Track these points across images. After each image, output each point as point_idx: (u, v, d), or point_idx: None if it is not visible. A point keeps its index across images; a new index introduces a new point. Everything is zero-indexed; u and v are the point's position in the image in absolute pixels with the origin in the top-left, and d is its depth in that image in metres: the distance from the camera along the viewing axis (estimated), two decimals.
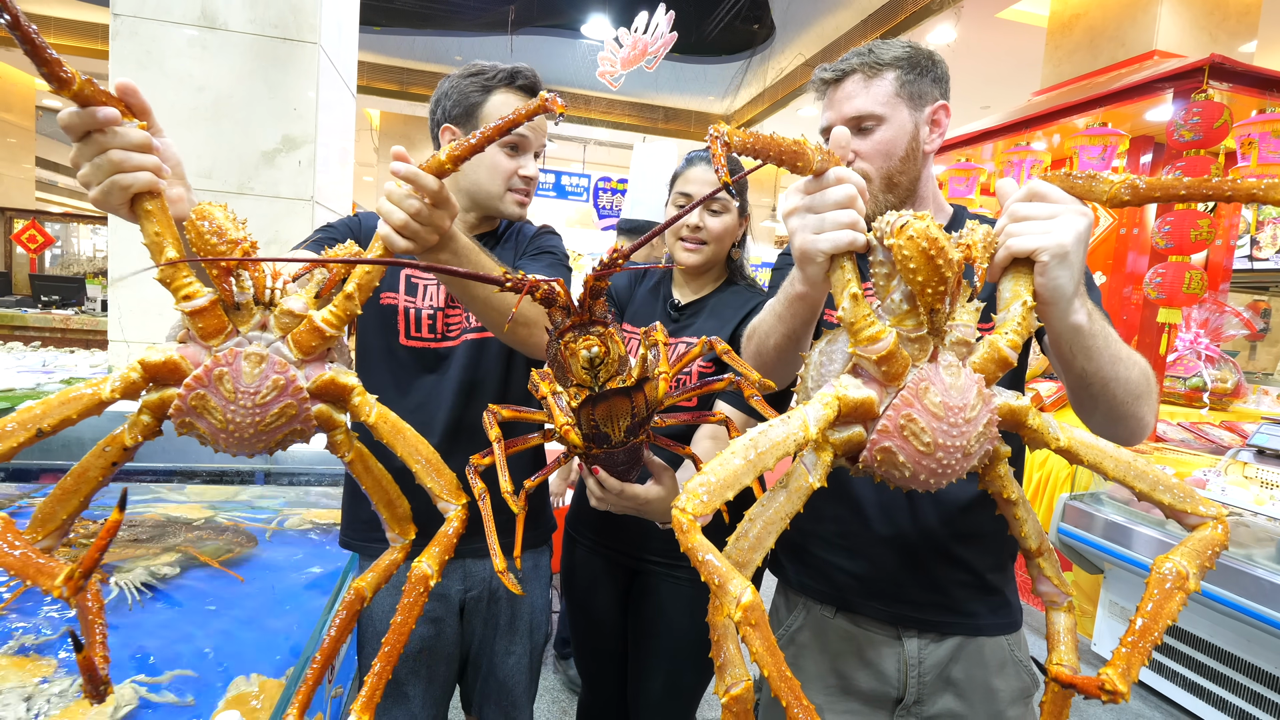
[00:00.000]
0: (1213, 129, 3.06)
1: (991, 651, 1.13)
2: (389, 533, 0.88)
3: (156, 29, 2.56)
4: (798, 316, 0.93)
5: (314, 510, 1.72)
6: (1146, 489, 0.76)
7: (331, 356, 0.81)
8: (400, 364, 1.32)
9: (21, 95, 9.96)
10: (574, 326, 0.90)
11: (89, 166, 0.70)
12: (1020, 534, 0.84)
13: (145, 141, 0.72)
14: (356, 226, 1.34)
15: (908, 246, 0.67)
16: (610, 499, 1.06)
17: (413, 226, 0.84)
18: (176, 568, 1.28)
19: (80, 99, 0.67)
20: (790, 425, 0.69)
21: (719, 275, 1.59)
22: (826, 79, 1.16)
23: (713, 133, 0.68)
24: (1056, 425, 0.78)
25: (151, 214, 0.72)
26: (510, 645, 1.41)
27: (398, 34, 8.49)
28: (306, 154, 2.75)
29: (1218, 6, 4.49)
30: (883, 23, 6.74)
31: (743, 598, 0.60)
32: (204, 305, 0.73)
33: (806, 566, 1.22)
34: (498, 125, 0.78)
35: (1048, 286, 0.75)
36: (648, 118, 10.91)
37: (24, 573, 0.60)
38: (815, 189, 0.77)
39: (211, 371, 0.72)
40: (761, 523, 0.71)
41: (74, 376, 2.72)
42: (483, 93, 1.32)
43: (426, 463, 0.83)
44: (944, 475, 0.73)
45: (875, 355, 0.71)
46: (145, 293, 2.63)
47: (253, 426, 0.74)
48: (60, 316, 5.70)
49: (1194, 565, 0.71)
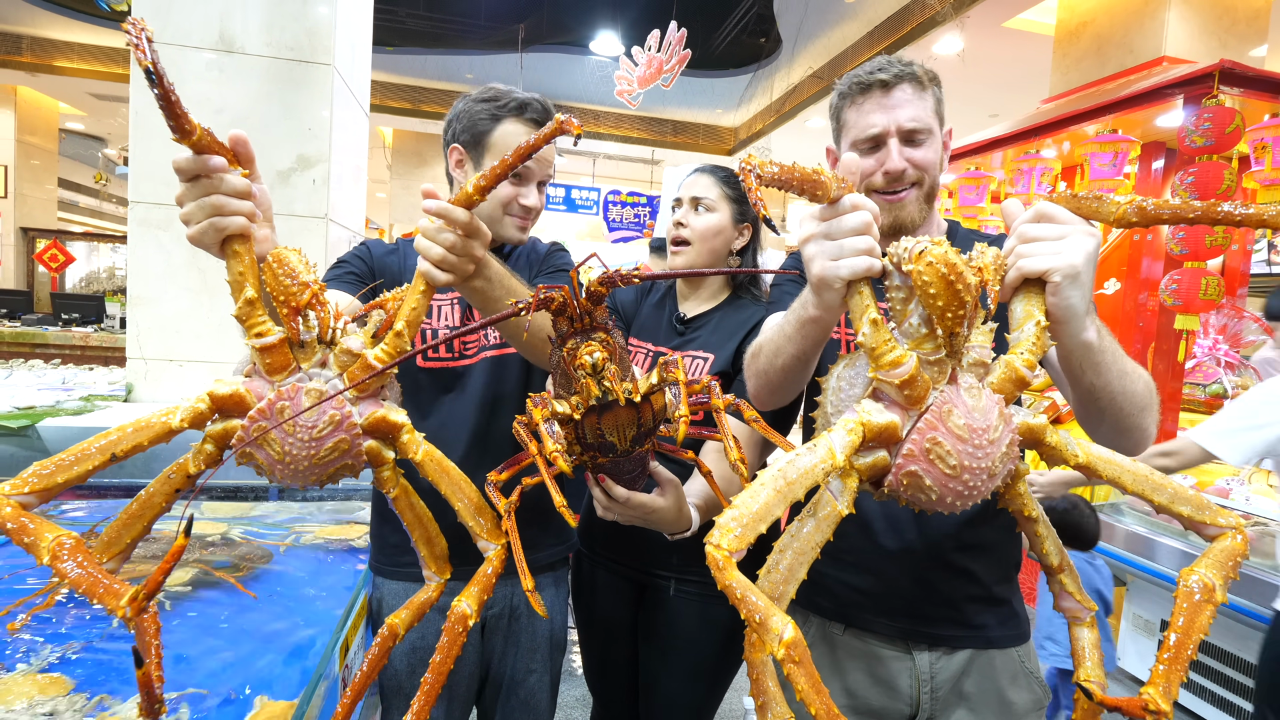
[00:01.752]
0: (1224, 134, 3.04)
1: (1003, 663, 1.12)
2: (425, 570, 0.91)
3: (175, 54, 2.62)
4: (809, 339, 0.93)
5: (328, 526, 1.73)
6: (1165, 502, 0.76)
7: (384, 395, 0.85)
8: (418, 385, 1.33)
9: (45, 119, 10.22)
10: (575, 333, 0.91)
11: (193, 206, 0.77)
12: (1041, 551, 0.84)
13: (246, 189, 0.79)
14: (367, 256, 1.37)
15: (927, 272, 0.67)
16: (616, 508, 1.06)
17: (450, 259, 0.87)
18: (190, 585, 1.29)
19: (198, 148, 0.74)
20: (817, 454, 0.70)
21: (723, 287, 1.59)
22: (880, 79, 1.12)
23: (744, 165, 0.70)
24: (1075, 442, 0.79)
25: (239, 255, 0.78)
26: (531, 664, 1.41)
27: (410, 54, 8.64)
28: (321, 173, 2.80)
29: (1227, 11, 4.46)
30: (889, 34, 6.76)
31: (784, 634, 0.60)
32: (273, 343, 0.79)
33: (813, 583, 1.21)
34: (518, 150, 0.80)
35: (1060, 306, 0.76)
36: (657, 131, 10.98)
37: (91, 592, 0.65)
38: (831, 215, 0.78)
39: (274, 405, 0.77)
40: (792, 553, 0.72)
41: (92, 394, 2.77)
42: (492, 120, 1.34)
43: (469, 501, 0.86)
44: (970, 497, 0.73)
45: (898, 380, 0.72)
46: (163, 310, 2.67)
47: (308, 459, 0.78)
48: (80, 334, 5.80)
49: (1219, 577, 0.71)
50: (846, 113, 1.17)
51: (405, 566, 1.34)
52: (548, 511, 1.41)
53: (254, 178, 0.81)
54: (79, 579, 0.65)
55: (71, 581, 0.65)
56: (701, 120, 10.90)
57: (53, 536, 0.67)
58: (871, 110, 1.13)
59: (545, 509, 1.40)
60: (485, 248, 0.92)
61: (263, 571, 1.42)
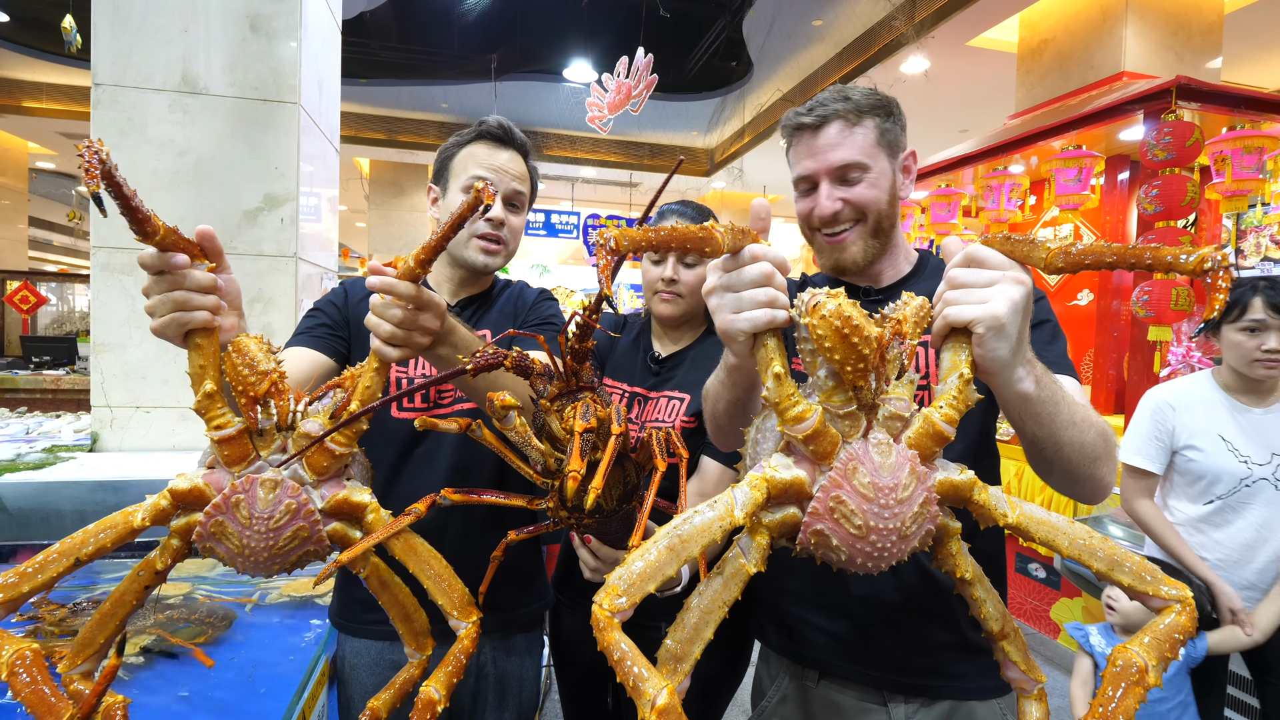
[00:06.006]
0: (1185, 148, 3.10)
1: (985, 715, 1.08)
2: (406, 648, 0.88)
3: (137, 96, 2.59)
4: (738, 385, 0.92)
5: (297, 579, 1.68)
6: (1105, 569, 0.71)
7: (349, 473, 0.84)
8: (391, 439, 1.29)
9: (14, 159, 10.09)
10: (560, 394, 0.88)
11: (157, 300, 0.77)
12: (981, 615, 0.79)
13: (210, 284, 0.79)
14: (342, 302, 1.34)
15: (821, 326, 0.65)
16: (605, 569, 1.04)
17: (399, 335, 0.85)
18: (141, 656, 1.23)
19: (162, 246, 0.75)
20: (716, 510, 0.67)
21: (698, 325, 1.58)
22: (806, 123, 1.11)
23: (598, 240, 0.65)
24: (1005, 501, 0.74)
25: (201, 348, 0.79)
26: (501, 716, 1.37)
27: (384, 85, 8.66)
28: (289, 211, 2.77)
29: (1182, 26, 4.60)
30: (856, 55, 6.89)
31: (657, 700, 0.58)
32: (232, 435, 0.78)
33: (785, 627, 1.19)
34: (449, 222, 0.79)
35: (985, 358, 0.73)
36: (633, 155, 11.08)
37: (35, 709, 0.67)
38: (732, 267, 0.75)
39: (229, 499, 0.76)
40: (698, 612, 0.68)
41: (56, 445, 2.69)
42: (455, 148, 1.37)
43: (438, 577, 0.84)
44: (880, 558, 0.69)
45: (801, 434, 0.69)
46: (129, 356, 2.60)
47: (267, 550, 0.77)
48: (51, 377, 5.67)
49: (1154, 657, 0.66)
50: (789, 154, 1.17)
51: (370, 624, 1.29)
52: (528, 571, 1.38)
53: (222, 269, 0.82)
54: (29, 696, 0.67)
55: (22, 698, 0.67)
56: (677, 143, 11.02)
57: (12, 650, 0.68)
58: (802, 154, 1.13)
59: (526, 570, 1.37)
60: (441, 318, 0.90)
61: (226, 635, 1.36)
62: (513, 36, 7.55)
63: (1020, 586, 4.01)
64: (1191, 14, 4.60)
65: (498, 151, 1.35)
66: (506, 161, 1.35)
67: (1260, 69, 6.45)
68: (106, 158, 0.65)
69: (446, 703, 0.80)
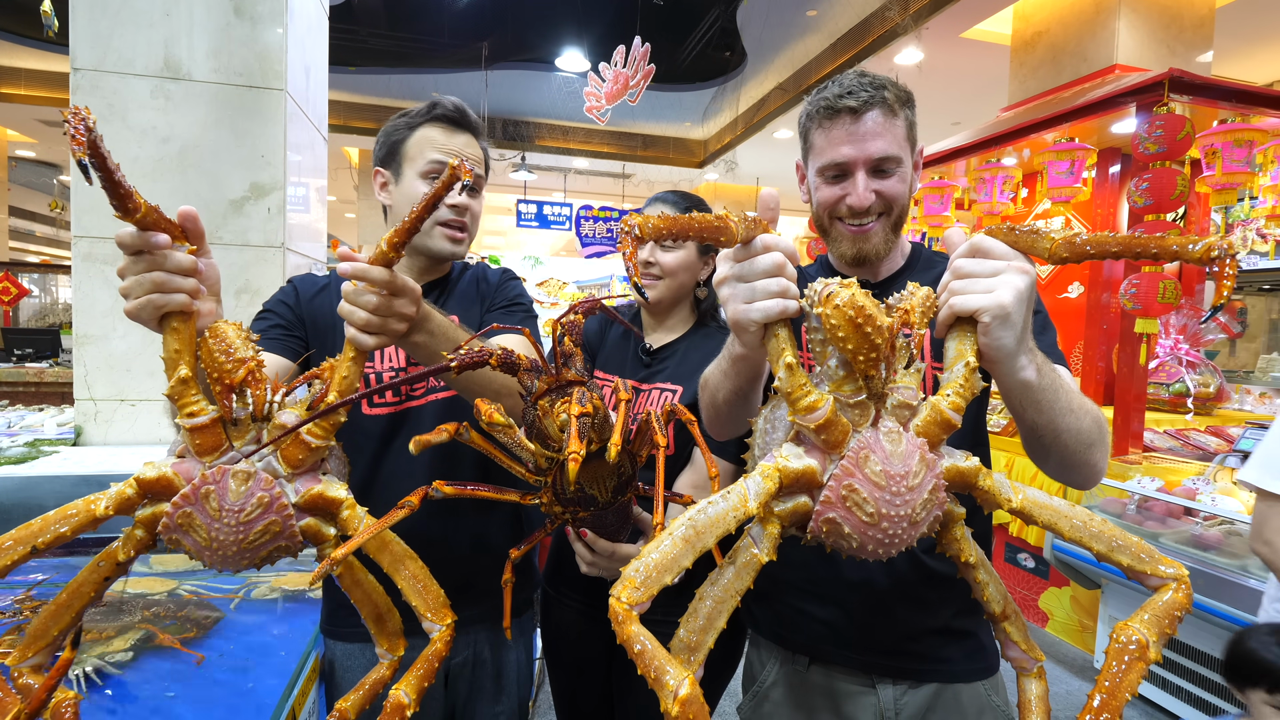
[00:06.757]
0: (1176, 141, 3.11)
1: (969, 699, 1.11)
2: (378, 648, 0.86)
3: (118, 81, 2.53)
4: (742, 375, 0.91)
5: (286, 575, 1.66)
6: (1104, 550, 0.74)
7: (325, 468, 0.81)
8: (366, 434, 1.26)
9: None
10: (550, 389, 0.87)
11: (133, 281, 0.74)
12: (983, 598, 0.81)
13: (190, 266, 0.76)
14: (294, 301, 1.30)
15: (834, 316, 0.66)
16: (601, 562, 1.03)
17: (375, 322, 0.83)
18: (130, 653, 1.21)
19: (142, 225, 0.72)
20: (730, 500, 0.68)
21: (688, 317, 1.56)
22: (848, 106, 1.05)
23: (622, 228, 0.67)
24: (1009, 486, 0.76)
25: (177, 332, 0.76)
26: (495, 708, 1.37)
27: (374, 73, 8.55)
28: (276, 200, 2.72)
29: (1174, 20, 4.60)
30: (851, 46, 6.87)
31: (680, 691, 0.58)
32: (205, 423, 0.75)
33: (778, 614, 1.20)
34: (423, 202, 0.77)
35: (991, 346, 0.75)
36: (627, 146, 11.02)
37: None
38: (744, 257, 0.76)
39: (199, 489, 0.73)
40: (711, 601, 0.69)
41: (39, 439, 2.64)
42: (407, 130, 1.31)
43: (413, 578, 0.82)
44: (892, 545, 0.71)
45: (813, 424, 0.70)
46: (112, 348, 2.56)
47: (236, 544, 0.74)
48: (34, 370, 5.58)
49: (1154, 634, 0.69)
50: (814, 135, 1.11)
51: (357, 628, 1.28)
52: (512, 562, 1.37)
53: (203, 252, 0.79)
54: None
55: None
56: (670, 134, 10.97)
57: None
58: (839, 139, 1.07)
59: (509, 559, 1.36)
60: (416, 303, 0.88)
61: (212, 631, 1.34)
62: (504, 25, 7.46)
63: (1009, 576, 4.05)
64: (1183, 8, 4.61)
65: (454, 135, 1.31)
66: (464, 145, 1.32)
67: (1250, 63, 6.49)
68: (94, 125, 0.63)
69: (416, 707, 0.77)
